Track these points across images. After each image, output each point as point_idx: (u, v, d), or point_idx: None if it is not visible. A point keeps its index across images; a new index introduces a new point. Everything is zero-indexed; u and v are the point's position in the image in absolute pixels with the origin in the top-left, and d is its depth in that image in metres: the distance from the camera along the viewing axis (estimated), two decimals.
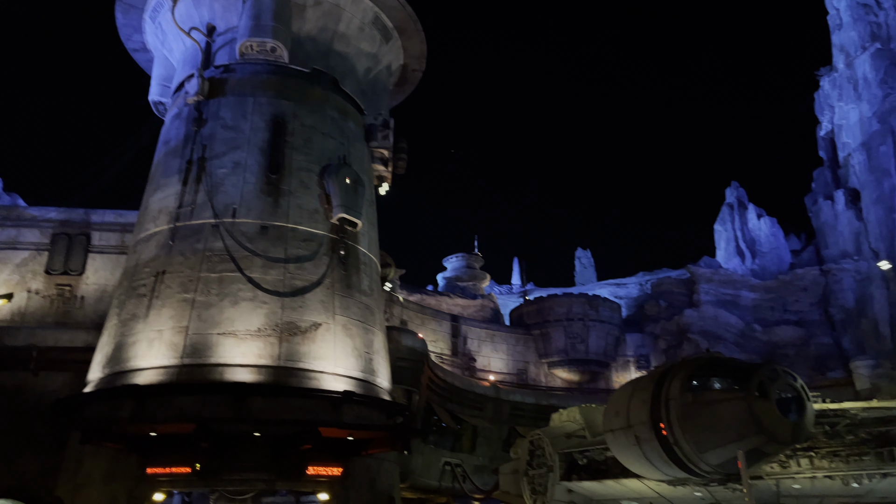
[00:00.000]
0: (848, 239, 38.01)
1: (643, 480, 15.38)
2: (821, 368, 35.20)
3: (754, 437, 12.67)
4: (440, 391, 28.15)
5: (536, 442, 18.65)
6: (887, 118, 36.41)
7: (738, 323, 38.13)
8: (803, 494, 14.44)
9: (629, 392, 15.17)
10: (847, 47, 39.87)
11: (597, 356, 39.43)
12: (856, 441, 13.71)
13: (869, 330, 34.75)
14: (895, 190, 35.31)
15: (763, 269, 42.25)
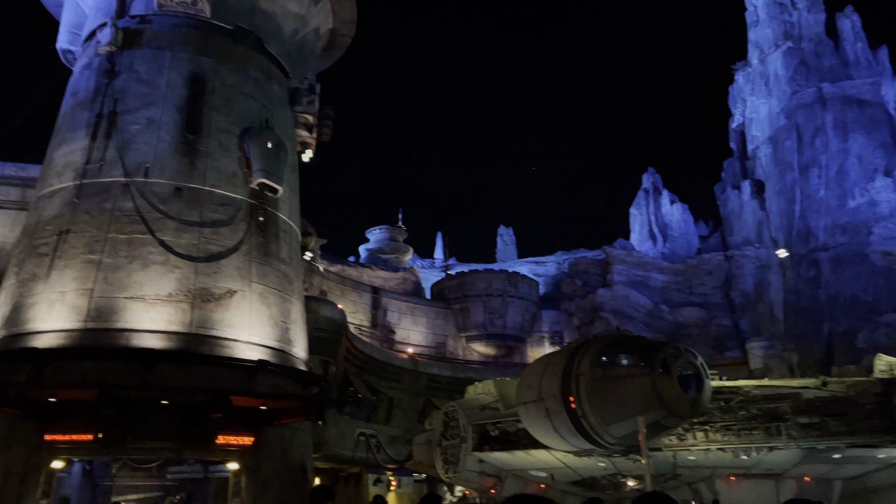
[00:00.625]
0: (751, 227, 40.22)
1: (551, 451, 15.94)
2: (720, 348, 37.35)
3: (656, 410, 13.35)
4: (358, 362, 28.10)
5: (451, 413, 18.96)
6: (793, 114, 38.52)
7: (648, 303, 39.82)
8: (697, 465, 15.37)
9: (542, 366, 15.63)
10: (762, 44, 41.78)
11: (514, 331, 40.34)
12: (747, 416, 14.65)
13: (765, 313, 37.08)
14: (796, 183, 37.52)
15: (673, 252, 44.18)
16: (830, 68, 38.77)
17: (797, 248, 36.40)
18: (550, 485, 17.76)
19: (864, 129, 36.19)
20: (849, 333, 32.03)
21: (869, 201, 34.55)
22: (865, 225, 33.94)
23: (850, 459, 14.91)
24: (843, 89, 37.34)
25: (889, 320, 30.89)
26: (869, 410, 13.88)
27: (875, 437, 13.85)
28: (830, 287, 34.24)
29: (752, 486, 14.92)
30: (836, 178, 35.99)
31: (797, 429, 14.04)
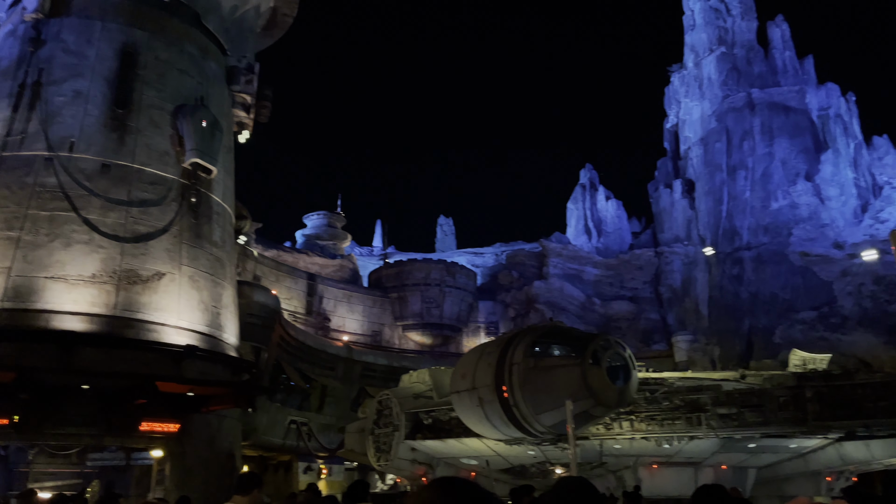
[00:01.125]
0: (681, 225, 41.64)
1: (483, 440, 16.15)
2: (647, 341, 38.60)
3: (585, 400, 13.70)
4: (291, 350, 27.70)
5: (385, 402, 18.94)
6: (724, 118, 40.01)
7: (581, 296, 40.74)
8: (622, 454, 15.87)
9: (477, 356, 15.79)
10: (697, 48, 43.15)
11: (450, 321, 40.57)
12: (671, 407, 15.21)
13: (690, 308, 38.53)
14: (724, 184, 39.04)
15: (606, 247, 45.30)
16: (760, 75, 40.41)
17: (723, 246, 37.90)
18: (481, 472, 17.99)
19: (789, 135, 37.93)
20: (767, 329, 33.64)
21: (790, 204, 36.27)
22: (786, 226, 35.64)
23: (764, 449, 15.70)
24: (770, 95, 38.99)
25: (804, 317, 32.60)
26: (783, 402, 14.64)
27: (787, 428, 14.62)
28: (752, 285, 35.83)
29: (673, 474, 15.53)
30: (760, 181, 37.61)
31: (716, 419, 14.68)
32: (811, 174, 36.88)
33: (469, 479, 1.84)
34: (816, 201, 35.84)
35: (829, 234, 34.51)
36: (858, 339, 30.06)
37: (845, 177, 36.78)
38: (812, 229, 34.83)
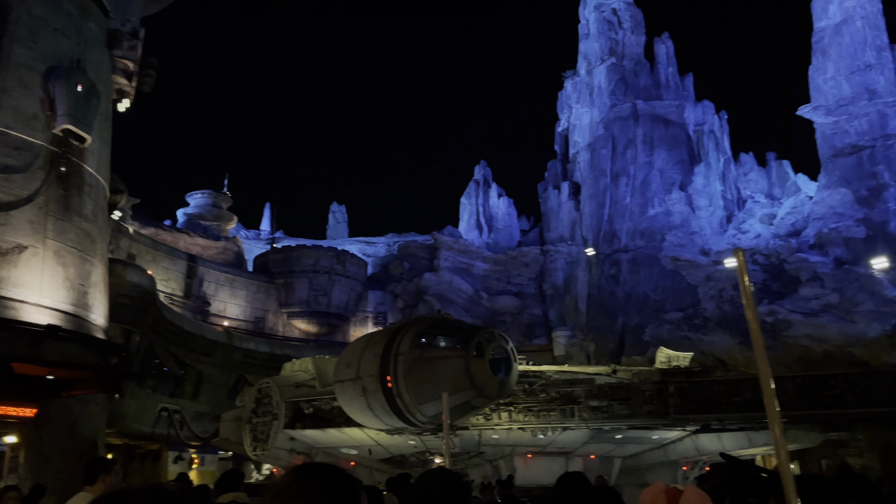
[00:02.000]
0: (566, 225, 43.36)
1: (364, 430, 16.11)
2: (529, 335, 39.94)
3: (467, 391, 14.00)
4: (166, 333, 26.36)
5: (264, 390, 18.46)
6: (610, 125, 42.01)
7: (469, 290, 41.51)
8: (500, 444, 16.38)
9: (363, 345, 15.71)
10: (590, 56, 44.99)
11: (338, 310, 40.10)
12: (547, 399, 15.85)
13: (571, 305, 40.25)
14: (608, 189, 41.02)
15: (496, 243, 46.40)
16: (645, 87, 42.74)
17: (603, 247, 39.85)
18: (361, 462, 17.96)
19: (667, 146, 40.41)
20: (638, 327, 35.74)
21: (665, 211, 38.68)
22: (660, 232, 37.98)
23: (630, 440, 16.70)
24: (653, 108, 41.35)
25: (672, 318, 34.91)
26: (648, 396, 15.64)
27: (651, 420, 15.63)
28: (627, 285, 37.94)
29: (545, 463, 16.20)
30: (640, 188, 39.85)
31: (588, 411, 15.46)
32: (685, 184, 39.47)
33: (333, 465, 1.83)
34: (688, 210, 38.42)
35: (698, 241, 37.13)
36: (717, 339, 32.58)
37: (714, 189, 39.68)
38: (683, 236, 37.31)
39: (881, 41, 33.96)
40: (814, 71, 35.43)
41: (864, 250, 30.60)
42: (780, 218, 36.84)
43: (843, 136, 33.55)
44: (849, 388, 14.24)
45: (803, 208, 35.81)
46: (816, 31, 35.70)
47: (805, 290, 31.01)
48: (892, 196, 31.13)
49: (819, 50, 35.33)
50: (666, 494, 3.81)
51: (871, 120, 32.71)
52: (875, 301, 29.12)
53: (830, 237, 32.06)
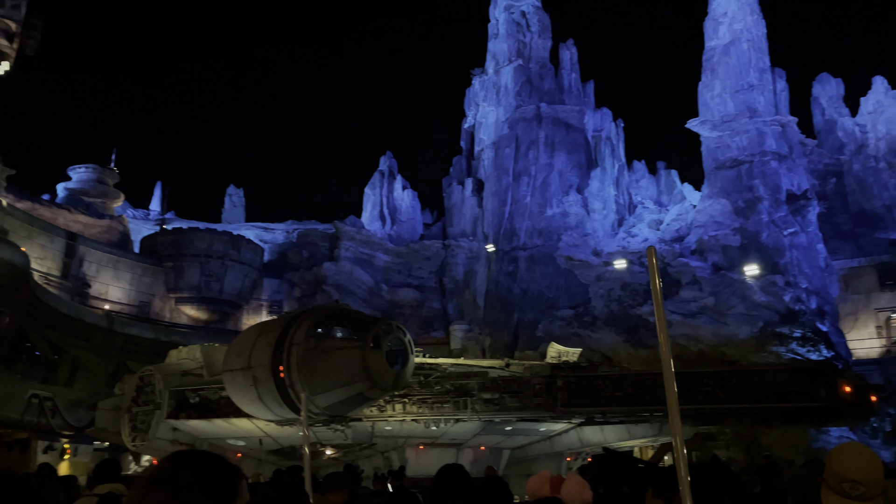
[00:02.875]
0: (468, 221, 44.00)
1: (253, 420, 15.68)
2: (428, 328, 40.28)
3: (362, 382, 13.92)
4: (39, 315, 24.53)
5: (147, 378, 17.58)
6: (515, 126, 42.99)
7: (370, 281, 41.29)
8: (392, 435, 16.41)
9: (255, 334, 15.27)
10: (498, 56, 45.78)
11: (231, 297, 38.77)
12: (441, 391, 16.04)
13: (469, 300, 40.94)
14: (510, 187, 41.97)
15: (399, 235, 46.39)
16: (549, 91, 44.01)
17: (502, 244, 40.77)
18: (248, 454, 17.48)
19: (567, 150, 41.84)
20: (532, 323, 36.87)
21: (562, 212, 40.06)
22: (557, 232, 39.31)
23: (519, 431, 17.21)
24: (556, 112, 42.67)
25: (563, 314, 36.26)
26: (538, 390, 16.15)
27: (540, 413, 16.16)
28: (523, 282, 39.03)
29: (437, 455, 16.39)
30: (540, 188, 41.05)
31: (481, 403, 15.78)
32: (582, 187, 41.03)
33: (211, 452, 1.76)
34: (583, 212, 39.99)
35: (591, 242, 38.72)
36: (604, 336, 34.16)
37: (608, 193, 41.51)
38: (577, 237, 38.79)
39: (764, 64, 36.65)
40: (703, 87, 37.74)
41: (739, 257, 33.01)
42: (666, 224, 39.07)
43: (725, 150, 35.97)
44: (719, 385, 15.31)
45: (687, 216, 38.14)
46: (707, 50, 38.03)
47: (685, 293, 33.06)
48: (766, 208, 33.71)
49: (709, 68, 37.67)
50: (550, 483, 3.96)
51: (751, 137, 35.26)
52: (746, 305, 31.49)
53: (710, 244, 34.34)
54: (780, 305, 31.05)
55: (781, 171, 34.76)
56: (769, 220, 33.39)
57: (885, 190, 40.30)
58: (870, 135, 44.19)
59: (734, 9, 37.22)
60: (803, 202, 34.15)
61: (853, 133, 44.18)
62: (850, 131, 44.25)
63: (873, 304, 37.39)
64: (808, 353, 28.86)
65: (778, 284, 31.44)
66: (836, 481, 2.55)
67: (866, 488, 2.49)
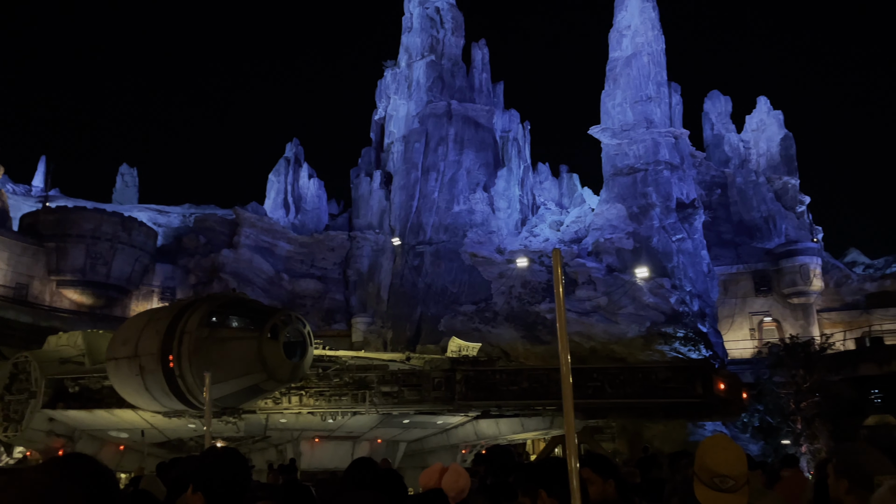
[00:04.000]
0: (375, 213, 43.77)
1: (138, 411, 14.98)
2: (329, 320, 39.77)
3: (257, 374, 13.59)
4: None
5: (21, 365, 16.40)
6: (426, 121, 43.14)
7: (270, 270, 40.25)
8: (287, 428, 16.12)
9: (144, 321, 14.59)
10: (411, 50, 45.73)
11: (119, 281, 36.73)
12: (340, 384, 15.92)
13: (373, 293, 40.75)
14: (418, 182, 42.11)
15: (303, 224, 45.45)
16: (460, 88, 44.45)
17: (409, 238, 40.86)
18: (131, 446, 16.67)
19: (476, 148, 42.46)
20: (435, 318, 37.22)
21: (469, 209, 40.65)
22: (462, 228, 39.84)
23: (416, 424, 17.35)
24: (466, 109, 43.18)
25: (466, 310, 36.84)
26: (437, 383, 16.35)
27: (438, 406, 16.37)
28: (428, 276, 39.31)
29: (332, 447, 16.27)
30: (448, 185, 41.45)
31: (379, 396, 15.79)
32: (488, 186, 41.79)
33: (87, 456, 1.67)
34: (489, 210, 40.75)
35: (495, 240, 39.53)
36: (504, 332, 35.01)
37: (513, 193, 42.50)
38: (482, 234, 39.49)
39: (661, 77, 38.65)
40: (605, 96, 39.34)
41: (631, 260, 34.72)
42: (566, 225, 40.51)
43: (623, 157, 37.69)
44: (607, 381, 16.07)
45: (586, 219, 39.69)
46: (611, 61, 39.66)
47: (581, 292, 34.42)
48: (657, 215, 35.61)
49: (611, 78, 39.30)
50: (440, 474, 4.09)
51: (647, 146, 37.13)
52: (635, 305, 33.18)
53: (605, 246, 35.91)
54: (667, 307, 32.93)
55: (673, 180, 36.83)
56: (660, 226, 35.31)
57: (763, 203, 43.58)
58: (752, 151, 47.68)
59: (637, 23, 38.99)
60: (691, 210, 36.34)
61: (738, 148, 47.48)
62: (736, 146, 47.54)
63: (748, 308, 40.40)
64: (689, 352, 30.79)
65: (665, 287, 33.32)
66: (707, 476, 2.72)
67: (734, 481, 2.69)
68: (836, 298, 40.62)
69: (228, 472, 2.45)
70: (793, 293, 39.41)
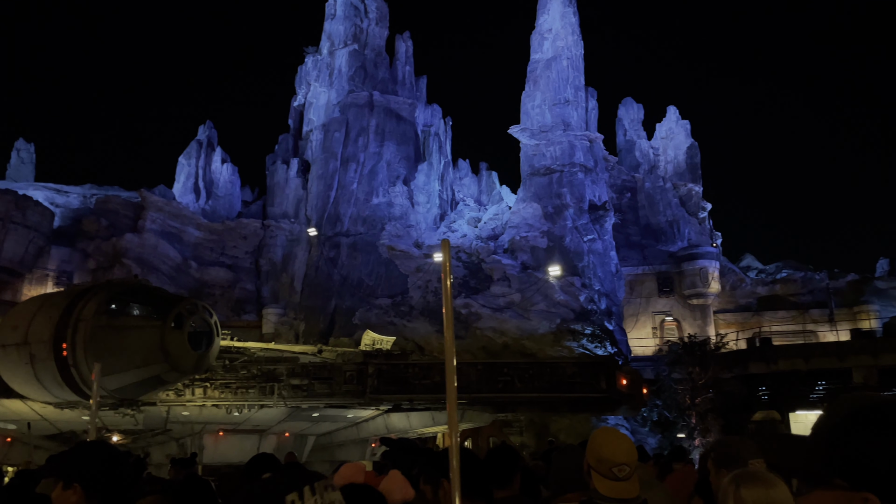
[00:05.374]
0: (291, 202, 42.80)
1: (27, 402, 14.06)
2: (239, 311, 38.62)
3: (159, 364, 13.01)
4: None
5: None
6: (347, 110, 42.53)
7: (177, 257, 38.65)
8: (189, 421, 15.54)
9: (36, 306, 13.70)
10: (334, 37, 44.94)
11: (10, 264, 34.33)
12: (248, 376, 15.49)
13: (286, 283, 39.86)
14: (337, 172, 41.47)
15: (214, 211, 43.87)
16: (382, 80, 44.10)
17: (325, 229, 40.21)
18: (19, 438, 15.61)
19: (397, 141, 42.26)
20: (349, 310, 36.84)
21: (388, 202, 40.45)
22: (381, 221, 39.60)
23: (326, 418, 17.14)
24: (388, 101, 42.88)
25: (381, 303, 36.66)
26: (349, 376, 16.21)
27: (349, 400, 16.23)
28: (344, 268, 38.85)
29: (238, 441, 15.84)
30: (367, 176, 41.07)
31: (289, 389, 15.48)
32: (408, 180, 41.72)
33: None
34: (408, 204, 40.71)
35: (413, 234, 39.54)
36: (419, 326, 35.09)
37: (433, 188, 42.63)
38: (401, 227, 39.40)
39: (579, 82, 39.75)
40: (525, 97, 40.09)
41: (545, 258, 35.60)
42: (484, 222, 41.05)
43: (540, 158, 38.55)
44: (517, 375, 16.42)
45: (503, 216, 40.36)
46: (532, 62, 40.43)
47: (495, 288, 34.99)
48: (570, 215, 36.67)
49: (532, 79, 40.08)
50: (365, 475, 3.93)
51: (563, 148, 38.13)
52: (547, 303, 34.05)
53: (521, 244, 36.65)
54: (576, 304, 33.99)
55: (587, 182, 38.01)
56: (573, 227, 36.38)
57: (668, 208, 45.71)
58: (661, 157, 49.90)
59: (558, 27, 39.92)
60: (602, 213, 37.63)
61: (648, 154, 49.57)
62: (646, 152, 49.60)
63: (651, 307, 42.31)
64: (596, 348, 31.91)
65: (575, 285, 34.38)
66: (606, 467, 2.80)
67: (630, 468, 2.81)
68: (731, 300, 43.18)
69: (100, 465, 2.34)
70: (692, 294, 41.56)
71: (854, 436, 1.28)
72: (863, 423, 1.28)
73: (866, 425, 1.28)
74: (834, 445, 1.29)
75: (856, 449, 1.26)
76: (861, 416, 1.29)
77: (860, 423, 1.28)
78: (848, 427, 1.29)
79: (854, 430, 1.28)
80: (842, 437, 1.29)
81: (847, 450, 1.27)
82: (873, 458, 1.23)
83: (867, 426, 1.27)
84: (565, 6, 40.38)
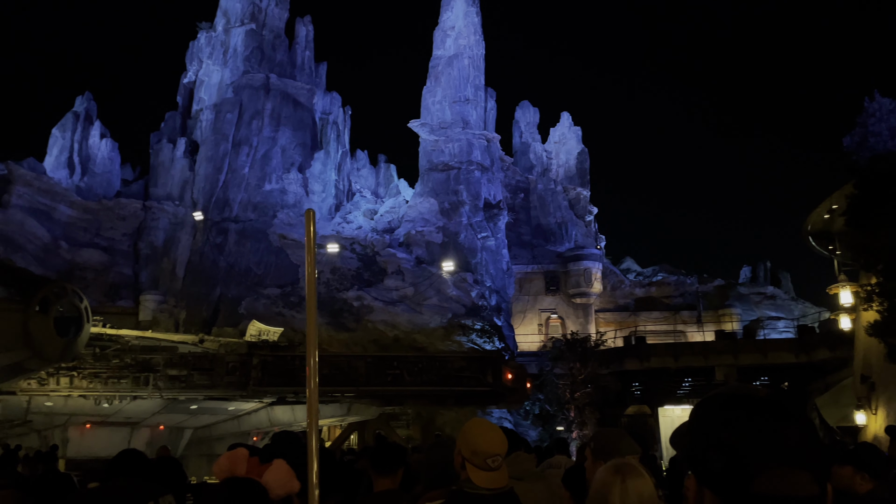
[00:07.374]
0: (177, 184, 40.68)
1: None
2: (114, 296, 36.29)
3: (20, 350, 12.01)
4: None
5: None
6: (241, 92, 40.94)
7: (46, 236, 35.77)
8: (54, 412, 14.44)
9: None
10: (230, 14, 43.10)
11: None
12: (120, 365, 14.59)
13: (167, 269, 37.84)
14: (227, 155, 39.83)
15: (90, 189, 40.96)
16: (280, 63, 42.79)
17: (213, 214, 38.52)
18: None
19: (293, 127, 41.16)
20: (235, 300, 35.52)
21: (281, 189, 39.34)
22: (273, 208, 38.45)
23: (205, 410, 16.46)
24: (286, 85, 41.67)
25: (270, 293, 35.62)
26: (231, 368, 15.64)
27: (231, 392, 15.67)
28: (231, 256, 37.40)
29: (107, 434, 14.90)
30: (260, 161, 39.72)
31: (165, 380, 14.72)
32: (304, 167, 40.77)
33: None
34: (302, 192, 39.78)
35: None
36: None
37: (329, 177, 41.91)
38: (294, 216, 38.43)
39: (479, 81, 40.40)
40: (427, 92, 40.25)
41: (439, 254, 35.95)
42: (380, 215, 40.86)
43: (439, 154, 38.86)
44: (406, 369, 16.49)
45: (400, 210, 40.34)
46: (434, 58, 40.64)
47: (389, 281, 34.94)
48: (466, 212, 37.23)
49: (433, 75, 40.29)
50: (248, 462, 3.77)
51: (462, 146, 38.63)
52: (439, 297, 34.42)
53: (416, 239, 36.79)
54: (468, 300, 34.59)
55: (483, 181, 38.74)
56: (468, 223, 36.96)
57: (558, 210, 47.46)
58: (553, 161, 51.71)
59: (461, 25, 40.35)
60: (496, 211, 38.50)
61: (541, 157, 51.18)
62: (539, 155, 51.19)
63: (538, 305, 43.80)
64: (485, 343, 32.63)
65: (468, 281, 34.97)
66: (481, 459, 2.86)
67: (502, 458, 2.88)
68: (611, 300, 45.48)
69: None
70: (576, 293, 43.40)
71: (698, 428, 1.33)
72: (705, 418, 1.34)
73: (709, 420, 1.33)
74: (691, 440, 1.35)
75: (697, 442, 1.31)
76: (703, 412, 1.35)
77: (703, 417, 1.34)
78: (694, 422, 1.36)
79: (699, 424, 1.34)
80: (694, 429, 1.35)
81: (692, 443, 1.33)
82: (707, 451, 1.27)
83: (709, 420, 1.33)
84: (468, 5, 40.86)
